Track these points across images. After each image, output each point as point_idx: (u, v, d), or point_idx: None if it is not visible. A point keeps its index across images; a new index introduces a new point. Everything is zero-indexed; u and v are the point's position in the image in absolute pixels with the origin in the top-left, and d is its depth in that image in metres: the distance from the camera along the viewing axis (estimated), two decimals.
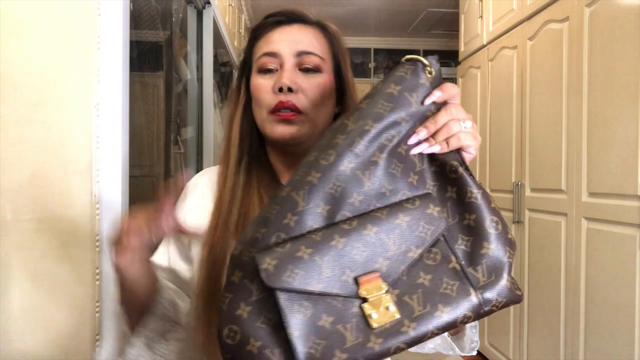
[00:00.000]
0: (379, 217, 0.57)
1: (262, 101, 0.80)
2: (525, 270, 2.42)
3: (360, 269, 0.56)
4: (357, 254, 0.56)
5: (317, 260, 0.55)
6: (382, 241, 0.57)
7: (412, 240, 0.57)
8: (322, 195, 0.58)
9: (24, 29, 1.06)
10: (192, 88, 2.30)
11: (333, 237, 0.56)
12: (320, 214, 0.58)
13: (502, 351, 2.69)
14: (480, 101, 2.96)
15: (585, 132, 1.91)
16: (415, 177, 0.61)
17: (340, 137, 0.59)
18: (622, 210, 1.70)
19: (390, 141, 0.60)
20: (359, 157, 0.59)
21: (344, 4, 4.02)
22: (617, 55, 1.73)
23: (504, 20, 2.61)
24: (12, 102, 1.06)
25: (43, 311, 1.07)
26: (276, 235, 0.57)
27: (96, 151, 1.09)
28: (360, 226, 0.57)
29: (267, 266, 0.54)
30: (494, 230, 0.59)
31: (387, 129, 0.60)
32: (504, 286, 0.57)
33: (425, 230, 0.58)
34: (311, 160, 0.59)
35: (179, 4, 2.14)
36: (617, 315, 1.73)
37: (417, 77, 0.63)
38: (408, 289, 0.57)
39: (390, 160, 0.60)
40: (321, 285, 0.54)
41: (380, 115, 0.60)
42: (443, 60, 4.88)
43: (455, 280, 0.57)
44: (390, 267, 0.56)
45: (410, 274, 0.57)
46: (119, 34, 1.11)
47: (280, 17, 0.83)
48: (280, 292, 0.54)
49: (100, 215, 1.09)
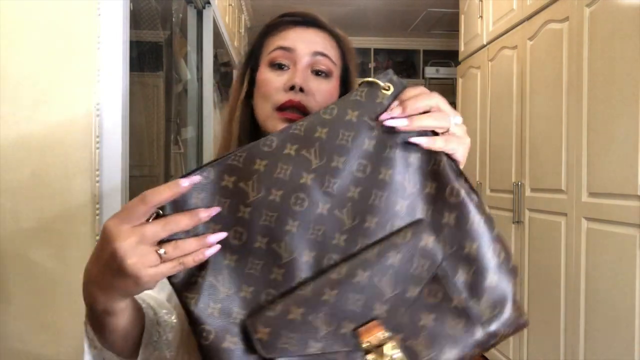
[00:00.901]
0: (369, 259, 0.53)
1: (269, 96, 0.79)
2: (525, 270, 2.42)
3: (358, 320, 0.53)
4: (352, 304, 0.53)
5: (311, 320, 0.52)
6: (376, 286, 0.53)
7: (408, 279, 0.53)
8: (305, 243, 0.54)
9: (24, 29, 1.06)
10: (192, 88, 2.29)
11: (324, 292, 0.52)
12: (307, 262, 0.54)
13: (502, 351, 2.69)
14: (480, 101, 2.96)
15: (585, 132, 1.91)
16: (403, 204, 0.56)
17: (306, 176, 0.54)
18: (622, 210, 1.70)
19: (363, 172, 0.56)
20: (333, 197, 0.55)
21: (344, 4, 4.02)
22: (617, 55, 1.73)
23: (504, 20, 2.61)
24: (12, 102, 1.06)
25: (43, 311, 1.07)
26: (266, 293, 0.54)
27: (96, 151, 1.09)
28: (351, 273, 0.53)
29: (262, 336, 0.52)
30: (497, 260, 0.55)
31: (355, 159, 0.55)
32: (508, 318, 0.55)
33: (421, 266, 0.54)
34: (279, 202, 0.54)
35: (179, 4, 2.14)
36: (617, 315, 1.73)
37: (373, 97, 0.57)
38: (411, 331, 0.54)
39: (369, 192, 0.55)
40: (320, 345, 0.52)
41: (343, 147, 0.55)
42: (443, 60, 4.89)
43: (460, 318, 0.54)
44: (390, 312, 0.53)
45: (412, 315, 0.54)
46: (119, 34, 1.11)
47: (297, 18, 0.83)
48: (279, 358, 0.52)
49: (100, 215, 1.09)
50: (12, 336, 1.07)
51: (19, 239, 1.06)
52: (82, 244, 1.08)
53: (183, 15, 2.19)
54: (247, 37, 3.89)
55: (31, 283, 1.07)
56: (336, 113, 0.56)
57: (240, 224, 0.54)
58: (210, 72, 2.31)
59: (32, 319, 1.07)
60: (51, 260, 1.07)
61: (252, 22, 4.20)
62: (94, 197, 1.08)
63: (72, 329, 1.07)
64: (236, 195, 0.54)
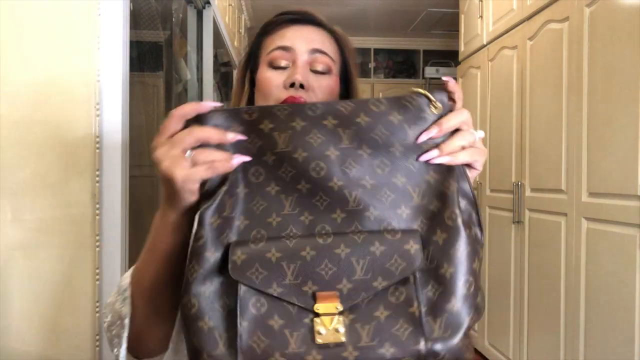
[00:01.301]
0: (355, 240, 0.58)
1: (270, 95, 0.79)
2: (525, 270, 2.42)
3: (322, 285, 0.56)
4: (323, 269, 0.57)
5: (283, 266, 0.57)
6: (350, 264, 0.57)
7: (381, 271, 0.57)
8: (308, 205, 0.60)
9: (24, 29, 1.06)
10: (192, 88, 2.29)
11: (304, 248, 0.57)
12: (302, 222, 0.60)
13: (502, 351, 2.69)
14: (480, 101, 2.96)
15: (585, 132, 1.91)
16: (406, 210, 0.60)
17: (333, 150, 0.60)
18: (622, 210, 1.70)
19: (382, 170, 0.60)
20: (348, 178, 0.59)
21: (344, 4, 4.02)
22: (617, 55, 1.73)
23: (504, 20, 2.61)
24: (12, 102, 1.06)
25: (43, 311, 1.08)
26: (257, 230, 0.60)
27: (96, 151, 1.09)
28: (334, 244, 0.57)
29: (236, 259, 0.57)
30: (465, 291, 0.58)
31: (379, 156, 0.61)
32: (454, 345, 0.57)
33: (397, 264, 0.57)
34: (300, 162, 0.59)
35: (179, 4, 2.14)
36: (617, 315, 1.73)
37: (421, 110, 0.61)
38: (363, 318, 0.57)
39: (381, 188, 0.60)
40: (280, 290, 0.56)
41: (375, 141, 0.60)
42: (443, 60, 4.89)
43: (410, 325, 0.56)
44: (352, 291, 0.56)
45: (370, 305, 0.57)
46: (119, 34, 1.11)
47: (295, 16, 0.83)
48: (242, 284, 0.57)
49: (100, 215, 1.09)
50: (12, 336, 1.07)
51: (19, 238, 1.06)
52: (82, 244, 1.08)
53: (183, 15, 2.19)
54: (247, 37, 3.89)
55: (31, 283, 1.07)
56: (383, 109, 0.61)
57: (262, 166, 0.61)
58: (210, 72, 2.31)
59: (32, 319, 1.07)
60: (51, 260, 1.07)
61: (252, 22, 4.19)
62: (94, 197, 1.08)
63: (72, 328, 1.07)
64: (267, 141, 0.60)
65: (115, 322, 0.70)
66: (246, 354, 0.55)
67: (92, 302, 1.09)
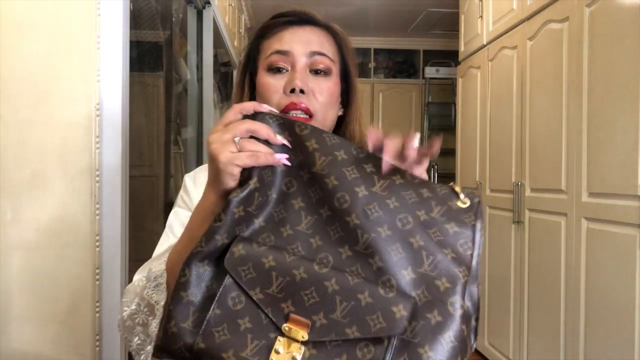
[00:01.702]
0: (348, 281, 0.57)
1: (271, 101, 0.79)
2: (525, 270, 2.42)
3: (299, 309, 0.57)
4: (307, 295, 0.57)
5: (273, 276, 0.58)
6: (333, 301, 0.56)
7: (358, 320, 0.55)
8: (322, 231, 0.61)
9: (24, 29, 1.06)
10: (192, 88, 2.30)
11: (299, 268, 0.58)
12: (309, 244, 0.61)
13: (502, 351, 2.69)
14: (480, 101, 2.96)
15: (585, 132, 1.91)
16: (411, 274, 0.58)
17: (363, 190, 0.61)
18: (622, 210, 1.70)
19: (402, 227, 0.60)
20: (367, 219, 0.60)
21: (344, 4, 4.02)
22: (617, 55, 1.73)
23: (504, 20, 2.61)
24: (12, 102, 1.06)
25: (43, 311, 1.08)
26: (267, 235, 0.62)
27: (96, 151, 1.09)
28: (327, 276, 0.57)
29: (236, 251, 0.59)
30: None
31: (404, 212, 0.60)
32: None
33: (376, 322, 0.55)
34: (329, 189, 0.61)
35: (179, 4, 2.14)
36: (617, 315, 1.73)
37: (449, 199, 0.62)
38: (323, 358, 0.55)
39: (394, 241, 0.59)
40: (261, 297, 0.58)
41: (404, 200, 0.61)
42: (443, 60, 4.89)
43: None
44: (324, 328, 0.56)
45: (335, 349, 0.56)
46: (119, 34, 1.11)
47: (291, 18, 0.83)
48: (230, 276, 0.59)
49: (100, 215, 1.09)
50: (12, 336, 1.07)
51: (19, 238, 1.06)
52: (82, 244, 1.08)
53: (183, 15, 2.19)
54: (247, 37, 3.89)
55: (31, 283, 1.07)
56: (417, 181, 0.63)
57: (296, 179, 0.63)
58: (210, 72, 2.31)
59: (33, 319, 1.07)
60: (51, 260, 1.07)
61: (252, 22, 4.19)
62: (94, 197, 1.08)
63: (72, 329, 1.08)
64: (308, 158, 0.63)
65: (142, 309, 0.71)
66: (206, 338, 0.57)
67: (92, 302, 1.09)
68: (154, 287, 0.71)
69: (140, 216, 1.27)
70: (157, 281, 0.71)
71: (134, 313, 0.72)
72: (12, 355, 1.07)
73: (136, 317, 0.71)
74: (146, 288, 0.71)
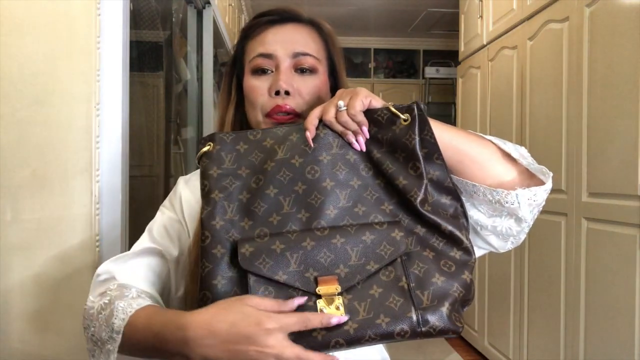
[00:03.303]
0: (349, 231, 0.66)
1: (257, 104, 0.79)
2: (525, 270, 2.42)
3: (322, 271, 0.64)
4: (323, 257, 0.65)
5: (287, 256, 0.64)
6: (346, 251, 0.65)
7: (372, 256, 0.65)
8: (305, 204, 0.68)
9: (24, 29, 1.06)
10: (192, 88, 2.29)
11: (305, 239, 0.65)
12: (299, 219, 0.68)
13: (502, 351, 2.69)
14: (480, 101, 2.96)
15: (585, 132, 1.91)
16: (389, 207, 0.70)
17: (325, 156, 0.70)
18: (622, 210, 1.70)
19: (367, 172, 0.71)
20: (339, 179, 0.70)
21: (344, 4, 4.02)
22: (617, 55, 1.73)
23: (504, 20, 2.61)
24: (12, 102, 1.06)
25: (43, 311, 1.08)
26: (260, 229, 0.67)
27: (96, 151, 1.09)
28: (331, 235, 0.66)
29: (245, 251, 0.65)
30: (447, 269, 0.66)
31: (364, 161, 0.71)
32: (443, 313, 0.64)
33: (385, 250, 0.66)
34: (297, 167, 0.69)
35: (179, 4, 2.14)
36: (617, 315, 1.73)
37: (391, 122, 0.72)
38: (359, 296, 0.64)
39: (366, 188, 0.70)
40: (286, 277, 0.64)
41: (358, 151, 0.72)
42: (443, 60, 4.89)
43: (401, 297, 0.64)
44: (349, 275, 0.64)
45: (365, 285, 0.65)
46: (119, 34, 1.11)
47: (273, 17, 0.82)
48: (251, 274, 0.64)
49: (100, 215, 1.09)
50: (12, 336, 1.07)
51: (19, 239, 1.06)
52: (82, 244, 1.08)
53: (183, 15, 2.19)
54: None
55: (31, 283, 1.07)
56: None
57: (262, 173, 0.69)
58: (210, 72, 2.31)
59: (33, 319, 1.07)
60: (51, 260, 1.07)
61: None
62: (94, 197, 1.08)
63: (72, 328, 1.07)
64: (269, 153, 0.70)
65: (100, 336, 0.69)
66: None
67: None
68: (106, 337, 0.68)
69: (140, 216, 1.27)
70: (112, 336, 0.67)
71: (92, 334, 0.71)
72: (12, 355, 1.07)
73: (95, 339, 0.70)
74: (102, 329, 0.68)
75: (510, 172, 0.75)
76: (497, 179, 0.74)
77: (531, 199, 0.73)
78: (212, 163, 0.71)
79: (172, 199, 0.87)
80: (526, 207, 0.74)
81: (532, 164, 0.75)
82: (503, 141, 0.76)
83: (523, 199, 0.73)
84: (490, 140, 0.76)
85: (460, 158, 0.72)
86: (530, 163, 0.75)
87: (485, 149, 0.74)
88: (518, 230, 0.78)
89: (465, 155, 0.73)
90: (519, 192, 0.72)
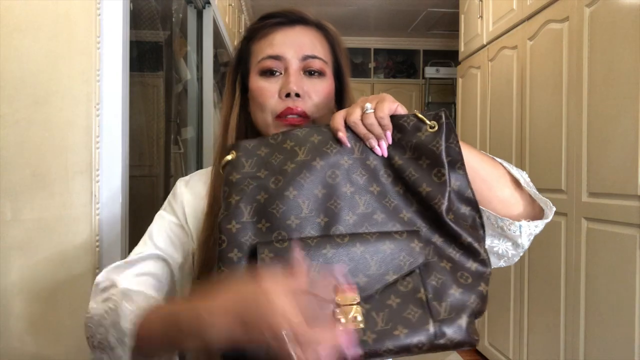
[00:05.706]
0: (369, 239, 0.65)
1: (266, 106, 0.79)
2: (525, 270, 2.42)
3: None
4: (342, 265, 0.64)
5: (307, 262, 0.62)
6: (365, 260, 0.64)
7: (391, 265, 0.64)
8: (324, 208, 0.67)
9: (24, 29, 1.06)
10: (192, 88, 2.29)
11: (325, 246, 0.64)
12: (318, 224, 0.67)
13: (502, 351, 2.69)
14: (480, 101, 2.96)
15: (585, 132, 1.91)
16: (407, 215, 0.69)
17: (347, 160, 0.69)
18: (622, 210, 1.70)
19: (387, 179, 0.70)
20: (359, 185, 0.69)
21: (344, 4, 4.02)
22: (617, 55, 1.73)
23: (504, 20, 2.61)
24: (12, 102, 1.06)
25: (43, 311, 1.08)
26: (278, 232, 0.66)
27: (96, 151, 1.09)
28: (350, 243, 0.64)
29: (264, 256, 0.63)
30: (463, 281, 0.66)
31: (385, 167, 0.70)
32: (460, 325, 0.63)
33: (404, 260, 0.65)
34: (317, 170, 0.68)
35: (179, 4, 2.14)
36: (617, 315, 1.73)
37: (417, 129, 0.71)
38: (377, 306, 0.63)
39: (385, 195, 0.69)
40: None
41: (378, 155, 0.70)
42: (443, 60, 4.89)
43: (419, 309, 0.63)
44: (368, 284, 0.63)
45: (383, 294, 0.64)
46: (119, 34, 1.11)
47: (281, 18, 0.82)
48: None
49: (100, 215, 1.09)
50: (12, 336, 1.07)
51: (18, 239, 1.06)
52: (82, 244, 1.08)
53: (183, 15, 2.19)
54: None
55: (31, 283, 1.07)
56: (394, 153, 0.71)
57: (282, 174, 0.68)
58: (210, 72, 2.31)
59: (32, 319, 1.07)
60: (51, 261, 1.07)
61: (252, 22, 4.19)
62: (94, 197, 1.08)
63: (72, 329, 1.07)
64: (289, 154, 0.69)
65: (107, 333, 0.67)
66: None
67: None
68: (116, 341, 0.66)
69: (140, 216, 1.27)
70: (121, 338, 0.65)
71: (97, 326, 0.69)
72: (12, 355, 1.07)
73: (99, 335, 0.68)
74: (117, 313, 0.66)
75: (515, 197, 0.76)
76: (503, 203, 0.75)
77: (533, 231, 0.76)
78: (233, 169, 0.70)
79: (172, 203, 0.85)
80: (526, 237, 0.76)
81: (536, 193, 0.77)
82: (510, 165, 0.77)
83: (525, 230, 0.75)
84: (500, 163, 0.77)
85: (473, 175, 0.71)
86: (535, 193, 0.77)
87: (495, 170, 0.75)
88: (513, 254, 0.79)
89: (477, 173, 0.73)
90: (523, 224, 0.75)
